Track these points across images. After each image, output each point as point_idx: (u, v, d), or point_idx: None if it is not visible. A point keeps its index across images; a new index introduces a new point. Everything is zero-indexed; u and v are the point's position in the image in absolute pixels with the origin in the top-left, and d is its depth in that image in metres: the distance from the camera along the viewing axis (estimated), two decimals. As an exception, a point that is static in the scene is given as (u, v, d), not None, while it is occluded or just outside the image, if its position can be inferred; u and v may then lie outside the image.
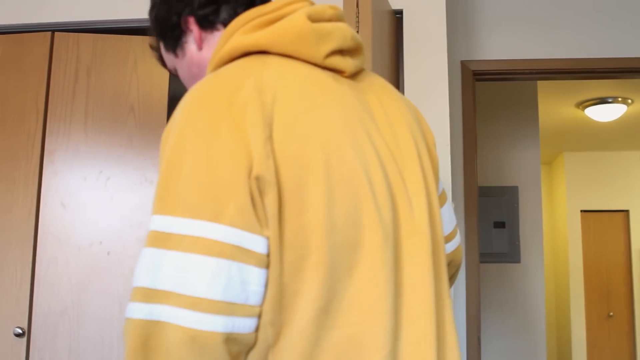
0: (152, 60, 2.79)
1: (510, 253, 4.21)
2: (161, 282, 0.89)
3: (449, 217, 1.34)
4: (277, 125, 0.94)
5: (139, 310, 0.89)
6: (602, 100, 5.58)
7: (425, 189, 1.12)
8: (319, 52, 1.07)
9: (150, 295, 0.89)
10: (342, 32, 1.12)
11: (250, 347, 0.93)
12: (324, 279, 0.93)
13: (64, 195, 2.70)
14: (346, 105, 1.05)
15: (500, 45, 3.34)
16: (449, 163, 2.51)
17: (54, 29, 2.83)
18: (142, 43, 2.81)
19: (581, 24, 3.28)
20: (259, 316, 0.93)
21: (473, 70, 3.33)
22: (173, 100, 2.97)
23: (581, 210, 7.46)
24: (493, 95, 4.26)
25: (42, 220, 2.69)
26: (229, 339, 0.88)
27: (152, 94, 2.78)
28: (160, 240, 0.90)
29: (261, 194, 0.92)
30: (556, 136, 6.82)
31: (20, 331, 2.60)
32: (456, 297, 2.92)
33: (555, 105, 5.77)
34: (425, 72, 2.58)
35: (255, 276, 0.91)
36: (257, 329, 0.93)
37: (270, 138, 0.93)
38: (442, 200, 1.30)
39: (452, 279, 1.43)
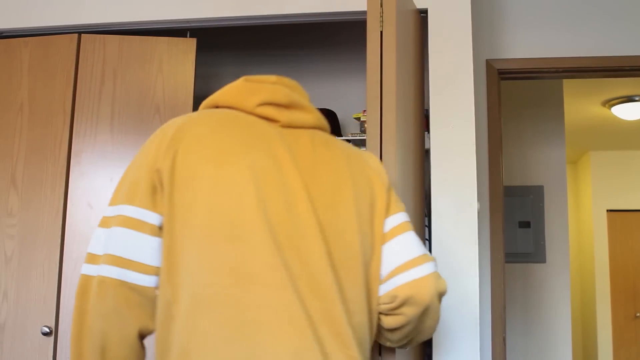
0: (177, 61, 2.81)
1: (535, 253, 4.18)
2: (94, 248, 1.34)
3: (402, 248, 1.47)
4: (183, 145, 1.36)
5: (84, 268, 1.34)
6: (629, 99, 5.52)
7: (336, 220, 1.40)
8: (250, 102, 1.47)
9: (90, 258, 1.34)
10: (273, 91, 1.49)
11: (153, 300, 1.31)
12: (203, 246, 1.28)
13: (90, 195, 2.73)
14: (259, 137, 1.41)
15: (525, 44, 3.31)
16: (474, 163, 2.50)
17: (81, 31, 2.86)
18: (168, 44, 2.83)
19: (607, 22, 3.24)
20: (159, 275, 1.30)
21: (498, 69, 3.31)
22: (198, 100, 2.99)
23: (607, 210, 7.38)
24: (518, 94, 4.22)
25: (69, 220, 2.72)
26: (125, 285, 1.28)
27: (178, 95, 2.79)
28: (102, 222, 1.35)
29: (160, 183, 1.33)
30: (582, 135, 6.76)
31: (47, 330, 2.63)
32: (481, 297, 2.91)
33: (581, 104, 5.71)
34: (451, 71, 2.57)
35: (149, 242, 1.31)
36: (158, 286, 1.30)
37: (173, 149, 1.35)
38: (398, 230, 1.48)
39: (424, 320, 1.49)
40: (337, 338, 1.31)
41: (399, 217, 1.51)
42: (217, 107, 1.52)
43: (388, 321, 1.50)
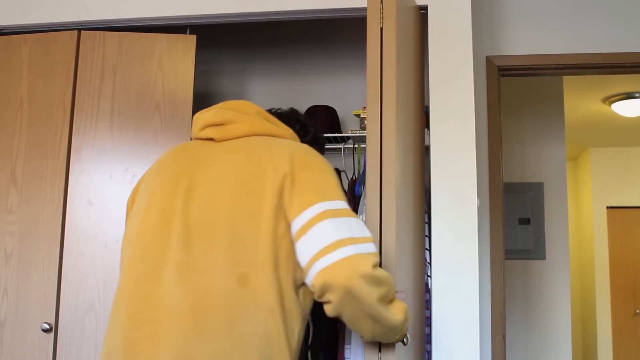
0: (177, 57, 2.80)
1: (535, 250, 4.18)
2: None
3: (314, 240, 1.56)
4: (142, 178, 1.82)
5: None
6: (629, 95, 5.51)
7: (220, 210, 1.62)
8: (196, 129, 1.83)
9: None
10: (213, 115, 1.80)
11: None
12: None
13: (90, 192, 2.73)
14: (179, 159, 1.77)
15: (525, 40, 3.31)
16: (474, 159, 2.50)
17: (80, 28, 2.85)
18: (167, 41, 2.83)
19: (608, 18, 3.24)
20: None
21: (498, 66, 3.31)
22: (198, 97, 2.99)
23: (607, 207, 7.38)
24: (518, 90, 4.22)
25: (69, 217, 2.72)
26: None
27: (178, 91, 2.79)
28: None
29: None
30: (582, 132, 6.75)
31: (47, 327, 2.63)
32: (481, 294, 2.91)
33: (581, 101, 5.71)
34: (451, 67, 2.57)
35: None
36: None
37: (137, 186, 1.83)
38: (308, 225, 1.58)
39: (355, 304, 1.55)
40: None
41: (309, 213, 1.59)
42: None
43: (326, 310, 1.60)
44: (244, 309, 1.54)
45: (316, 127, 2.16)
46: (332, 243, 1.54)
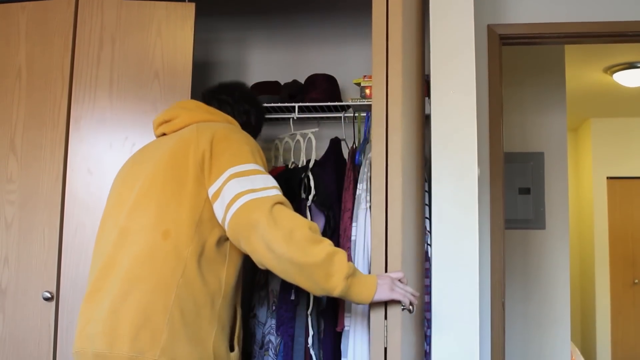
0: (176, 26, 2.78)
1: (535, 219, 4.19)
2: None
3: (222, 200, 1.92)
4: None
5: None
6: (631, 65, 5.48)
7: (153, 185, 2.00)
8: (154, 129, 2.28)
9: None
10: (161, 115, 2.23)
11: None
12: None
13: (90, 161, 2.73)
14: (142, 152, 2.17)
15: (527, 9, 3.28)
16: (475, 128, 2.49)
17: (78, -5, 2.83)
18: (166, 8, 2.80)
19: (611, -14, 3.21)
20: None
21: (500, 34, 3.28)
22: (197, 66, 2.97)
23: (607, 177, 7.38)
24: (519, 59, 4.19)
25: (69, 186, 2.72)
26: None
27: (177, 60, 2.78)
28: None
29: None
30: (583, 102, 6.73)
31: (49, 295, 2.64)
32: (481, 263, 2.92)
33: (582, 71, 5.68)
34: (452, 36, 2.54)
35: None
36: None
37: None
38: (220, 189, 1.93)
39: (247, 240, 1.88)
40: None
41: (220, 179, 1.93)
42: None
43: (254, 260, 1.92)
44: (165, 258, 1.89)
45: (257, 108, 2.45)
46: (234, 196, 1.88)
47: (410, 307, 1.97)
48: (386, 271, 2.08)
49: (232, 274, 2.01)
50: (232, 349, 2.04)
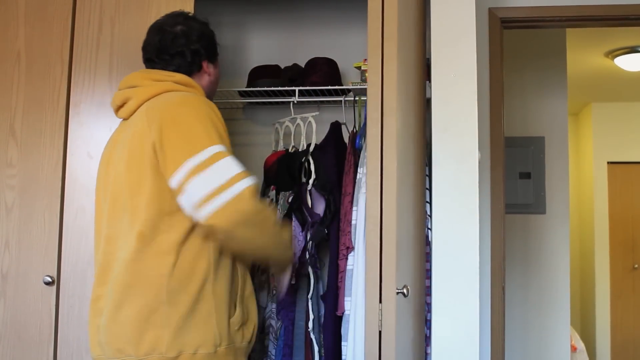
0: (175, 9, 2.76)
1: (535, 204, 4.19)
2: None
3: (190, 196, 1.86)
4: None
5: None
6: (633, 49, 5.46)
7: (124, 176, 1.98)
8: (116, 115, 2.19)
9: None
10: (113, 101, 2.15)
11: None
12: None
13: (90, 145, 2.72)
14: (109, 146, 2.14)
15: (528, -8, 3.26)
16: (476, 112, 2.48)
17: (77, -22, 2.81)
18: (165, -8, 2.78)
19: (613, -31, 3.19)
20: None
21: (501, 18, 3.27)
22: (197, 50, 2.94)
23: (608, 162, 7.36)
24: (521, 44, 4.18)
25: (69, 170, 2.72)
26: None
27: (176, 44, 2.75)
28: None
29: None
30: (584, 86, 6.71)
31: (49, 279, 2.65)
32: (481, 248, 2.92)
33: (584, 55, 5.66)
34: (453, 19, 2.53)
35: None
36: None
37: None
38: (183, 185, 1.86)
39: (229, 242, 1.95)
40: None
41: (179, 174, 1.86)
42: None
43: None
44: (148, 258, 1.90)
45: (199, 41, 2.21)
46: (202, 197, 1.83)
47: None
48: (381, 257, 2.09)
49: (217, 248, 1.97)
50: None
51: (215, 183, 1.83)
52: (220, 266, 1.98)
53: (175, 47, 2.16)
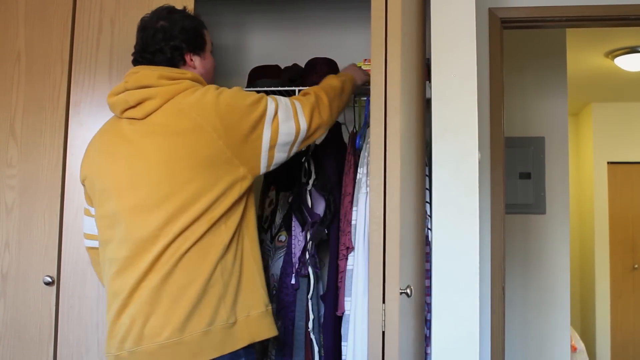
0: (176, 9, 2.76)
1: (535, 204, 4.19)
2: None
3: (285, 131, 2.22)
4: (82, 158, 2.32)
5: None
6: (633, 50, 5.45)
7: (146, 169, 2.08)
8: (116, 112, 2.21)
9: None
10: (124, 100, 2.14)
11: None
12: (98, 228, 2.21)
13: (90, 145, 2.72)
14: (112, 138, 2.20)
15: (528, -8, 3.26)
16: (476, 112, 2.48)
17: (77, -22, 2.81)
18: (165, -8, 2.78)
19: (613, -31, 3.19)
20: None
21: (501, 18, 3.27)
22: (197, 50, 2.94)
23: (608, 162, 7.36)
24: (520, 43, 4.17)
25: (69, 170, 2.72)
26: None
27: (176, 44, 2.75)
28: None
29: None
30: (584, 87, 6.71)
31: (49, 279, 2.65)
32: (481, 248, 2.92)
33: (584, 55, 5.66)
34: (452, 19, 2.53)
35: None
36: None
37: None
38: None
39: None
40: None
41: (264, 158, 2.18)
42: None
43: None
44: (197, 245, 2.03)
45: (187, 33, 2.26)
46: (293, 134, 2.21)
47: None
48: (384, 257, 2.09)
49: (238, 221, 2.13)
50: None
51: (289, 128, 2.18)
52: (246, 234, 2.16)
53: (154, 45, 2.20)
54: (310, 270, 2.68)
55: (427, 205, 2.77)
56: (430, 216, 2.59)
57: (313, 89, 2.39)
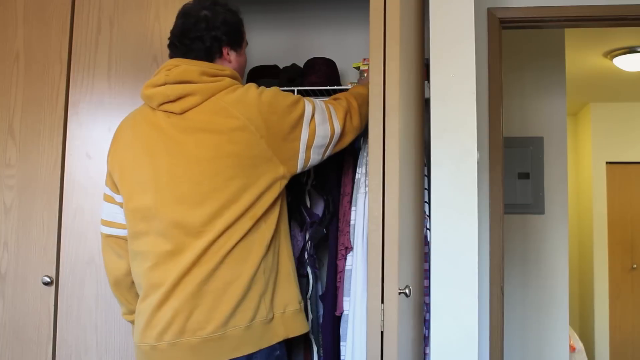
0: (175, 9, 2.76)
1: (534, 204, 4.19)
2: None
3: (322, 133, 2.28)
4: (110, 145, 2.31)
5: None
6: (631, 50, 5.46)
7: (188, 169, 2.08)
8: (152, 105, 2.16)
9: None
10: (163, 94, 2.11)
11: None
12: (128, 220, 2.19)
13: (88, 145, 2.72)
14: (148, 130, 2.16)
15: (527, -8, 3.26)
16: (475, 112, 2.48)
17: (76, -22, 2.81)
18: (164, -8, 2.78)
19: (612, -30, 3.19)
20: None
21: (500, 18, 3.27)
22: (196, 50, 2.93)
23: (606, 162, 7.37)
24: (519, 43, 4.18)
25: (68, 170, 2.72)
26: None
27: (175, 44, 2.75)
28: None
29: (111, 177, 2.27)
30: (583, 87, 6.71)
31: (48, 280, 2.65)
32: (480, 248, 2.93)
33: (582, 55, 5.66)
34: (451, 19, 2.53)
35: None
36: None
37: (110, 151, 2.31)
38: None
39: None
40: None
41: (301, 157, 2.24)
42: None
43: None
44: (243, 241, 2.08)
45: (227, 26, 2.26)
46: (328, 135, 2.26)
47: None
48: (383, 257, 2.08)
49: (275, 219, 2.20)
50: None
51: (325, 131, 2.24)
52: (282, 232, 2.23)
53: (195, 32, 2.19)
54: (309, 270, 2.68)
55: (426, 205, 2.77)
56: (429, 216, 2.59)
57: (344, 95, 2.42)
